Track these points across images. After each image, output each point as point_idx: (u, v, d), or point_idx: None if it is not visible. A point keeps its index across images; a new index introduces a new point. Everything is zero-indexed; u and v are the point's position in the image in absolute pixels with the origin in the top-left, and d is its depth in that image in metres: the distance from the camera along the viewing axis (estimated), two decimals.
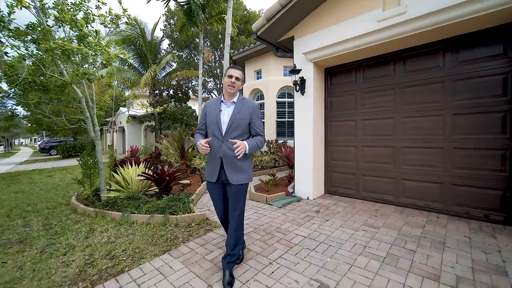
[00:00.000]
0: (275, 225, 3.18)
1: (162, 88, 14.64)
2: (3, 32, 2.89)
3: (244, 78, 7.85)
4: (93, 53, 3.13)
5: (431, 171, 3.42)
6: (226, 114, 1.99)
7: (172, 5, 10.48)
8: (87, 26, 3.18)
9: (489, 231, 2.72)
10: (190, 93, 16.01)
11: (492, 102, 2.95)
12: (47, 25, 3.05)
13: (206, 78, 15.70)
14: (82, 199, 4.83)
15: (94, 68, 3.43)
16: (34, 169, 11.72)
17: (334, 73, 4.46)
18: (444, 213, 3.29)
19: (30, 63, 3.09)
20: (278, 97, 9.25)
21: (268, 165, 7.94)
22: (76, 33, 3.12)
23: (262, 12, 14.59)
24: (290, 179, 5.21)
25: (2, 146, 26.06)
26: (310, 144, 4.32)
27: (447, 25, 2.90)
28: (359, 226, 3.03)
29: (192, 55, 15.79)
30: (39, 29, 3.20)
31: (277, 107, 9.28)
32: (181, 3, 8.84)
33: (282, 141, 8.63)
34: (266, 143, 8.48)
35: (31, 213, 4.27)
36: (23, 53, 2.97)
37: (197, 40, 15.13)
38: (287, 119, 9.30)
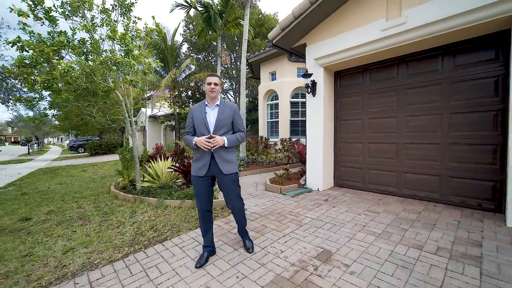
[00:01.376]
0: (288, 209, 3.69)
1: (181, 89, 15.52)
2: (66, 49, 3.62)
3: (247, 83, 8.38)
4: (137, 64, 3.79)
5: (431, 165, 3.77)
6: (211, 115, 2.27)
7: (191, 11, 11.21)
8: (132, 42, 3.85)
9: (478, 217, 3.06)
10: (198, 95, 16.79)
11: (485, 102, 3.27)
12: (96, 40, 3.74)
13: (222, 79, 16.42)
14: (119, 188, 5.57)
15: (137, 76, 4.10)
16: (68, 165, 12.92)
17: (343, 76, 4.87)
18: (441, 203, 3.64)
19: (84, 72, 3.80)
20: (292, 98, 9.69)
21: (282, 161, 8.41)
22: (123, 47, 3.80)
23: (277, 15, 15.06)
24: (303, 173, 5.67)
25: (36, 145, 28.32)
26: (320, 141, 4.77)
27: (443, 34, 3.26)
28: (362, 211, 3.46)
29: (210, 57, 16.57)
30: (89, 43, 3.94)
31: (291, 107, 9.72)
32: (201, 11, 9.51)
33: (296, 139, 9.07)
34: (280, 141, 8.95)
35: (80, 199, 5.06)
36: (82, 65, 3.68)
37: (214, 43, 15.86)
38: (300, 119, 9.72)
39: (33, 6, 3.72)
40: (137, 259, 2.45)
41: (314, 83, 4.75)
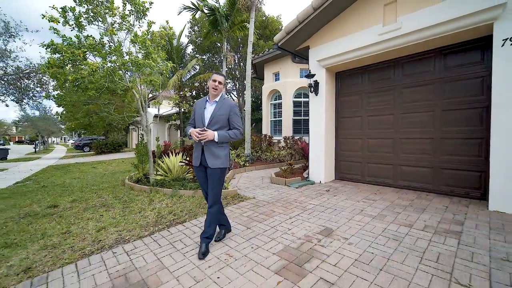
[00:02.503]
0: (292, 198, 4.04)
1: (185, 89, 15.91)
2: (93, 52, 4.00)
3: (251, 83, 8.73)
4: (156, 65, 4.17)
5: (424, 158, 4.11)
6: (209, 111, 2.38)
7: (197, 14, 11.61)
8: (151, 45, 4.24)
9: (465, 203, 3.40)
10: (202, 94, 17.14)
11: (472, 100, 3.61)
12: (120, 43, 4.13)
13: (226, 80, 16.81)
14: (133, 181, 5.95)
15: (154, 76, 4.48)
16: (76, 162, 13.31)
17: (343, 76, 5.22)
18: (433, 192, 3.98)
19: (108, 73, 4.17)
20: (295, 97, 10.04)
21: (285, 158, 8.75)
22: (143, 50, 4.19)
23: (280, 17, 15.43)
24: (305, 168, 6.03)
25: (41, 144, 28.80)
26: (322, 137, 5.13)
27: (434, 39, 3.61)
28: (360, 199, 3.81)
29: (214, 58, 16.98)
30: (108, 46, 4.33)
31: (294, 107, 10.07)
32: (207, 14, 9.90)
33: (298, 137, 9.41)
34: (283, 139, 9.30)
35: (98, 190, 5.43)
36: (105, 66, 4.07)
37: (218, 44, 16.25)
38: (302, 117, 10.07)
39: (63, 13, 4.12)
40: (162, 235, 2.82)
41: (316, 83, 5.11)
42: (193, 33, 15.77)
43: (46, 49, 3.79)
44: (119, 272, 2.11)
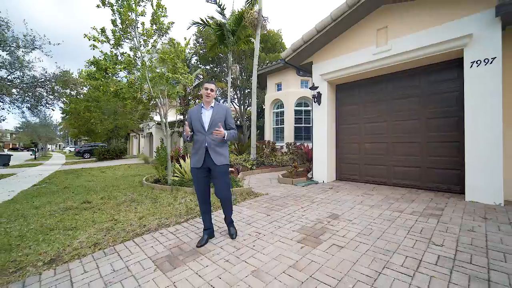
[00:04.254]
0: (301, 193, 4.65)
1: (189, 98, 16.59)
2: (129, 68, 4.65)
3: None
4: (183, 79, 4.82)
5: (413, 159, 4.78)
6: (207, 115, 2.59)
7: (204, 28, 12.42)
8: (178, 61, 4.90)
9: (447, 196, 4.06)
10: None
11: (450, 110, 4.32)
12: (155, 59, 4.79)
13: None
14: (151, 182, 6.47)
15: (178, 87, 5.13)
16: (82, 168, 13.64)
17: (343, 88, 5.94)
18: (421, 188, 4.63)
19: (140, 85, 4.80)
20: (296, 106, 10.78)
21: (287, 163, 9.37)
22: (171, 65, 4.85)
23: (281, 31, 16.42)
24: (309, 169, 6.65)
25: (38, 151, 28.90)
26: (325, 142, 5.78)
27: (418, 59, 4.35)
28: (359, 194, 4.43)
29: (217, 68, 17.79)
30: (139, 61, 4.98)
31: (295, 115, 10.78)
32: (215, 29, 10.69)
33: (300, 143, 10.07)
34: (286, 145, 9.96)
35: (121, 190, 5.93)
36: (141, 79, 4.69)
37: (221, 54, 17.08)
38: (303, 125, 10.77)
39: (102, 32, 4.77)
40: (197, 221, 3.37)
41: (319, 94, 5.81)
42: (198, 45, 16.60)
43: (90, 65, 4.40)
44: (172, 244, 2.67)
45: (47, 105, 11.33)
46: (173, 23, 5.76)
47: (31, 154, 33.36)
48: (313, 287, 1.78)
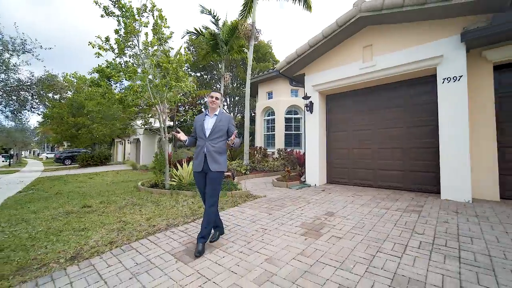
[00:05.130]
0: (296, 195, 4.99)
1: (179, 104, 16.67)
2: (132, 76, 4.84)
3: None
4: (186, 87, 5.07)
5: (396, 163, 5.30)
6: (209, 123, 2.70)
7: (198, 37, 12.73)
8: (180, 69, 5.16)
9: (426, 195, 4.57)
10: (203, 108, 18.04)
11: (428, 120, 4.89)
12: (160, 70, 5.02)
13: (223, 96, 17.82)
14: (148, 187, 6.54)
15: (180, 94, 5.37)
16: (67, 174, 13.18)
17: (333, 98, 6.45)
18: (404, 190, 5.14)
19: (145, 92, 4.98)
20: (286, 114, 11.26)
21: (279, 168, 9.73)
22: (174, 75, 5.09)
23: (271, 42, 17.11)
24: (301, 174, 7.04)
25: (13, 159, 27.33)
26: (316, 148, 6.21)
27: (399, 74, 4.93)
28: (349, 195, 4.85)
29: (207, 76, 18.11)
30: (140, 70, 5.20)
31: (285, 122, 11.25)
32: (209, 39, 11.04)
33: (290, 149, 10.50)
34: (277, 151, 10.35)
35: (118, 195, 5.96)
36: (144, 87, 4.89)
37: (212, 62, 17.42)
38: (293, 132, 11.24)
39: (106, 41, 4.95)
40: None
41: (311, 104, 6.27)
42: (189, 52, 16.86)
43: (93, 72, 4.55)
44: (185, 241, 2.89)
45: (33, 109, 11.01)
46: (173, 33, 6.05)
47: (3, 161, 31.35)
48: (320, 268, 2.10)
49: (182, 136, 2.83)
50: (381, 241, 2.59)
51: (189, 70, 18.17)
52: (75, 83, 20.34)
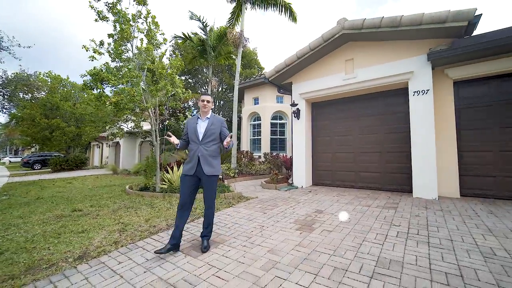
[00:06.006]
0: (286, 196, 5.33)
1: (164, 107, 16.48)
2: (131, 80, 4.92)
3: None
4: (182, 93, 5.24)
5: (374, 166, 5.87)
6: (202, 126, 2.70)
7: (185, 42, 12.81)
8: (175, 76, 5.32)
9: (400, 194, 5.15)
10: (187, 113, 17.98)
11: (402, 127, 5.51)
12: (155, 75, 5.14)
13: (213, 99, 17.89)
14: (137, 190, 6.51)
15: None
16: (40, 179, 12.43)
17: (318, 106, 6.95)
18: (382, 190, 5.70)
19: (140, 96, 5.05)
20: (272, 119, 11.68)
21: (265, 172, 10.06)
22: (170, 80, 5.24)
23: (256, 50, 17.60)
24: (288, 176, 7.42)
25: None
26: (303, 152, 6.63)
27: (378, 85, 5.52)
28: (334, 195, 5.29)
29: (192, 80, 18.11)
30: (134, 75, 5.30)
31: (271, 127, 11.65)
32: (197, 44, 11.20)
33: (276, 153, 10.90)
34: (263, 154, 10.69)
35: (107, 199, 5.87)
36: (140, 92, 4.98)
37: (197, 66, 17.48)
38: (278, 136, 11.68)
39: (100, 45, 5.00)
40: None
41: (298, 110, 6.71)
42: (174, 56, 16.80)
43: (85, 75, 4.58)
44: (189, 238, 3.08)
45: (4, 109, 10.33)
46: (167, 40, 6.20)
47: None
48: (317, 256, 2.42)
49: (174, 139, 2.75)
50: (366, 232, 2.99)
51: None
52: (49, 83, 19.22)
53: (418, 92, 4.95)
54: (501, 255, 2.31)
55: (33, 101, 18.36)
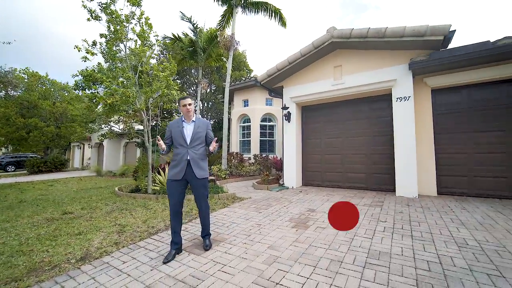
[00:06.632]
0: (278, 196, 5.53)
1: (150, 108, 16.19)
2: (128, 81, 4.90)
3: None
4: (176, 94, 5.28)
5: (361, 167, 6.22)
6: (188, 129, 2.66)
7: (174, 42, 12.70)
8: (170, 78, 5.36)
9: (385, 193, 5.52)
10: (174, 113, 17.75)
11: (387, 130, 5.90)
12: (152, 77, 5.15)
13: (195, 100, 17.81)
14: (127, 192, 6.44)
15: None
16: (16, 182, 11.81)
17: (308, 109, 7.24)
18: (368, 189, 6.06)
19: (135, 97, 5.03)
20: (261, 121, 11.88)
21: (255, 173, 10.23)
22: (164, 83, 5.27)
23: (245, 52, 17.77)
24: (279, 177, 7.64)
25: None
26: (293, 153, 6.88)
27: (364, 91, 5.88)
28: (324, 195, 5.57)
29: (180, 80, 17.91)
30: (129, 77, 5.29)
31: (260, 129, 11.85)
32: (188, 45, 11.18)
33: (265, 155, 11.10)
34: (253, 156, 10.86)
35: (96, 201, 5.77)
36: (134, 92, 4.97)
37: (185, 67, 17.35)
38: (267, 138, 11.90)
39: (93, 45, 4.94)
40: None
41: (289, 113, 6.95)
42: (163, 56, 16.57)
43: (83, 77, 4.53)
44: (190, 238, 3.17)
45: None
46: (159, 40, 6.22)
47: None
48: (314, 250, 2.62)
49: (162, 144, 2.67)
50: (356, 228, 3.25)
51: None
52: (26, 80, 18.21)
53: (401, 98, 5.35)
54: (472, 244, 2.63)
55: (7, 99, 17.32)
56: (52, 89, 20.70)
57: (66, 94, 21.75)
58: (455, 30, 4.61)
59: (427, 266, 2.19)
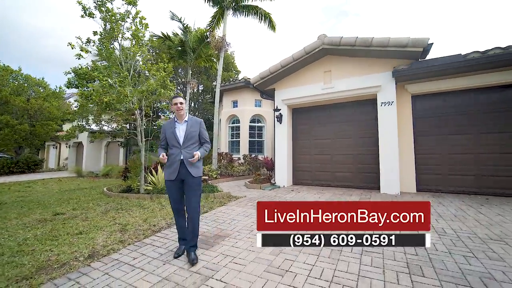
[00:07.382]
0: (272, 195, 5.75)
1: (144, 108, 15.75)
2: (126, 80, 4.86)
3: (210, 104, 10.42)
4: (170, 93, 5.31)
5: (348, 166, 6.63)
6: (181, 129, 2.64)
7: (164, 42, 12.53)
8: (166, 78, 5.39)
9: (370, 191, 5.94)
10: (160, 113, 17.41)
11: (372, 132, 6.33)
12: (147, 77, 5.14)
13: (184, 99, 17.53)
14: (118, 192, 6.33)
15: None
16: None
17: (298, 111, 7.55)
18: (355, 188, 6.47)
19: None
20: (250, 122, 12.07)
21: (245, 173, 10.39)
22: (160, 82, 5.29)
23: (233, 54, 17.90)
24: (269, 177, 7.87)
25: None
26: (285, 153, 7.15)
27: (351, 96, 6.28)
28: (315, 193, 5.88)
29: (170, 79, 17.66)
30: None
31: (249, 130, 12.04)
32: (177, 45, 11.10)
33: (254, 155, 11.30)
34: (242, 156, 11.01)
35: (87, 202, 5.63)
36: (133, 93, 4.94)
37: (173, 67, 17.12)
38: (256, 139, 12.11)
39: (87, 42, 4.87)
40: (202, 218, 3.98)
41: (281, 115, 7.22)
42: (150, 54, 16.22)
43: (76, 75, 4.45)
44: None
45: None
46: (153, 41, 6.21)
47: None
48: None
49: (165, 159, 2.64)
50: None
51: (146, 73, 17.37)
52: None
53: (385, 103, 5.81)
54: (450, 232, 3.02)
55: None
56: (25, 85, 19.40)
57: (42, 91, 20.47)
58: (432, 43, 5.12)
59: (414, 251, 2.51)
